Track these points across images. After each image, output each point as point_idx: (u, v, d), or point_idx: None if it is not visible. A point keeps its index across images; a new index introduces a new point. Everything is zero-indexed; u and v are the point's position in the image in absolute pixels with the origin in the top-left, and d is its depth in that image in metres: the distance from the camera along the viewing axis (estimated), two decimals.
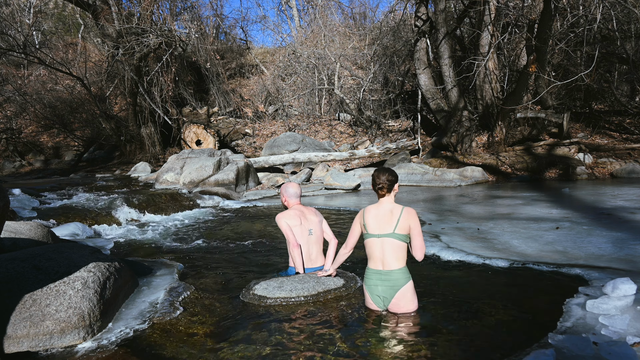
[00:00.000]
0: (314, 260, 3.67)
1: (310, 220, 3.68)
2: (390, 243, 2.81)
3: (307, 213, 3.73)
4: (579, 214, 6.08)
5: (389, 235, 2.82)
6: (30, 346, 2.44)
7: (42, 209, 6.56)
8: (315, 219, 3.71)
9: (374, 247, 2.86)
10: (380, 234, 2.84)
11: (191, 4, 17.42)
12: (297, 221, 3.64)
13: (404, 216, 2.82)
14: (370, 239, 2.88)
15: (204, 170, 9.56)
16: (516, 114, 12.26)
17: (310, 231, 3.65)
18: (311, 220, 3.68)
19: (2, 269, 2.70)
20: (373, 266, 2.88)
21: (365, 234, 2.92)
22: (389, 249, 2.81)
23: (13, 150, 16.75)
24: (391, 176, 2.91)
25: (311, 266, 3.66)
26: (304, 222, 3.66)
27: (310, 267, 3.66)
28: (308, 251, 3.65)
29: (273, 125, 17.41)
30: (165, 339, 2.63)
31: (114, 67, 14.44)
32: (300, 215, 3.68)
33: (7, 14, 17.68)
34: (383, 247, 2.83)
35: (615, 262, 3.79)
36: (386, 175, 2.89)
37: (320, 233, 3.71)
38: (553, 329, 2.55)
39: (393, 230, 2.81)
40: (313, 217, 3.71)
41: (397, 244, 2.81)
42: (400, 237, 2.81)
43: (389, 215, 2.85)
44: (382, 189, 2.90)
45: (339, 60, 17.40)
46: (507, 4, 12.74)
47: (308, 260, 3.66)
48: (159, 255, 4.70)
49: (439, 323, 2.76)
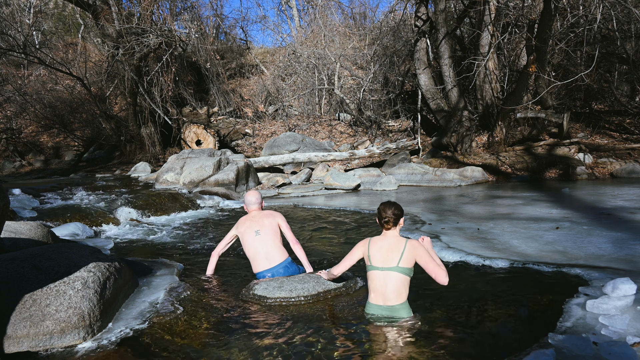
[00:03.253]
0: (271, 259, 3.68)
1: (258, 222, 3.79)
2: (393, 277, 2.78)
3: (259, 217, 3.84)
4: (579, 214, 6.08)
5: (392, 269, 2.78)
6: (30, 346, 2.43)
7: (42, 209, 6.56)
8: (266, 221, 3.80)
9: (377, 281, 2.82)
10: (384, 267, 2.80)
11: (191, 4, 17.41)
12: (244, 226, 3.81)
13: (408, 249, 2.78)
14: (373, 272, 2.84)
15: (204, 170, 9.56)
16: (516, 114, 12.26)
17: (256, 232, 3.74)
18: (260, 223, 3.78)
19: (2, 269, 2.70)
20: (374, 301, 2.85)
21: (368, 265, 2.88)
22: (391, 283, 2.78)
23: (13, 150, 16.74)
24: (397, 210, 2.87)
25: (268, 266, 3.67)
26: (252, 225, 3.78)
27: (268, 268, 3.66)
28: (256, 251, 3.71)
29: (273, 125, 17.41)
30: (165, 339, 2.63)
31: (114, 67, 14.43)
32: (250, 219, 3.83)
33: (7, 14, 17.67)
34: (386, 281, 2.79)
35: (615, 262, 3.79)
36: (392, 210, 2.87)
37: (271, 233, 3.75)
38: (553, 329, 2.55)
39: (397, 263, 2.77)
40: (264, 219, 3.81)
41: (401, 278, 2.78)
42: (404, 270, 2.77)
43: (393, 248, 2.81)
44: (388, 223, 2.87)
45: (339, 60, 17.40)
46: (507, 4, 12.74)
47: (263, 260, 3.68)
48: (159, 255, 4.69)
49: (439, 323, 2.76)
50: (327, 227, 6.04)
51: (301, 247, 3.76)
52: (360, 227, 5.98)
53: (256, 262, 3.71)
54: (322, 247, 5.00)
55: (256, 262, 3.71)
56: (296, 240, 3.77)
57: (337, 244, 5.09)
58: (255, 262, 3.72)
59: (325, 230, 5.89)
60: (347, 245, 5.01)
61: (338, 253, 4.68)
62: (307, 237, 5.51)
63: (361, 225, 6.06)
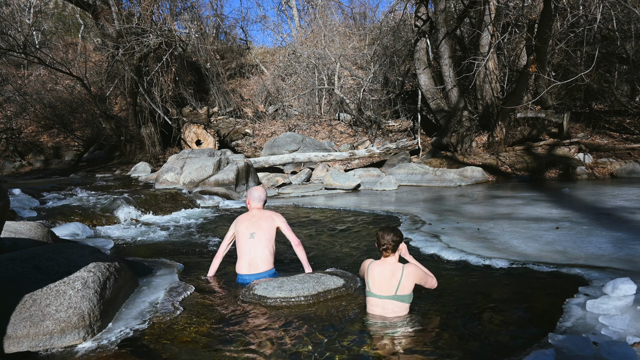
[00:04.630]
0: (253, 266, 3.62)
1: (256, 224, 3.68)
2: (391, 305, 2.78)
3: (258, 218, 3.72)
4: (579, 214, 6.08)
5: (390, 298, 2.78)
6: (30, 346, 2.44)
7: (42, 209, 6.56)
8: (264, 224, 3.68)
9: (375, 307, 2.83)
10: (382, 296, 2.80)
11: (191, 4, 17.41)
12: (242, 225, 3.72)
13: (405, 277, 2.77)
14: (372, 298, 2.84)
15: (204, 170, 9.56)
16: (516, 114, 12.26)
17: (252, 234, 3.65)
18: (257, 225, 3.67)
19: (2, 269, 2.70)
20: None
21: (367, 291, 2.87)
22: (389, 311, 2.79)
23: (13, 150, 16.74)
24: (396, 236, 2.82)
25: (248, 272, 3.61)
26: (249, 226, 3.70)
27: (248, 274, 3.62)
28: (243, 253, 3.66)
29: (273, 125, 17.41)
30: (165, 339, 2.63)
31: (114, 67, 14.43)
32: (249, 219, 3.74)
33: (7, 14, 17.67)
34: (384, 308, 2.80)
35: (615, 262, 3.78)
36: (391, 236, 2.81)
37: (264, 239, 3.64)
38: (553, 329, 2.55)
39: (395, 292, 2.77)
40: (263, 222, 3.69)
41: (399, 305, 2.78)
42: (403, 298, 2.78)
43: (391, 277, 2.79)
44: (387, 250, 2.82)
45: (339, 60, 17.40)
46: (507, 4, 12.74)
47: (246, 264, 3.63)
48: (159, 255, 4.69)
49: (438, 323, 2.76)
50: (327, 227, 6.04)
51: (303, 249, 3.73)
52: (360, 227, 5.98)
53: (240, 263, 3.69)
54: (322, 247, 5.00)
55: (240, 263, 3.69)
56: (298, 241, 3.71)
57: (337, 244, 5.09)
58: (239, 263, 3.70)
59: (325, 230, 5.89)
60: (347, 245, 5.01)
61: (338, 253, 4.68)
62: (307, 237, 5.51)
63: (361, 226, 6.06)
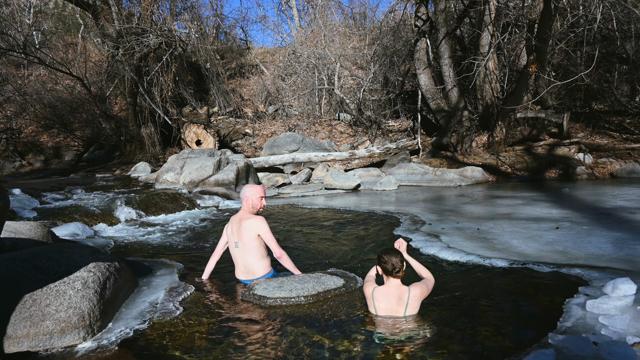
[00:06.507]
0: (249, 273, 3.60)
1: (238, 233, 3.56)
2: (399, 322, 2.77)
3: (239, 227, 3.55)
4: (579, 214, 6.08)
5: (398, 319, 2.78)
6: (30, 346, 2.44)
7: (42, 209, 6.56)
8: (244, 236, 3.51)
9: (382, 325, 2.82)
10: (390, 317, 2.80)
11: (191, 4, 17.42)
12: (228, 231, 3.68)
13: (412, 299, 2.78)
14: (379, 319, 2.83)
15: (204, 170, 9.55)
16: (516, 114, 12.26)
17: (236, 244, 3.60)
18: (239, 235, 3.55)
19: (2, 269, 2.70)
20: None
21: (374, 315, 2.86)
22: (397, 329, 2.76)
23: (13, 150, 16.74)
24: (400, 256, 2.82)
25: (245, 278, 3.62)
26: (233, 232, 3.62)
27: (245, 279, 3.62)
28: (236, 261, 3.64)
29: (273, 125, 17.41)
30: (165, 339, 2.63)
31: (114, 67, 14.44)
32: (232, 225, 3.64)
33: (7, 14, 17.68)
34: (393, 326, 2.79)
35: (615, 262, 3.78)
36: (399, 257, 2.80)
37: (248, 248, 3.53)
38: (553, 329, 2.55)
39: (403, 314, 2.78)
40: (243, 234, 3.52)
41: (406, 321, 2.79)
42: (411, 316, 2.79)
43: (397, 301, 2.79)
44: (399, 272, 2.79)
45: (339, 60, 17.40)
46: (507, 4, 12.74)
47: (242, 272, 3.63)
48: (159, 255, 4.69)
49: (439, 323, 2.76)
50: (327, 227, 6.03)
51: (287, 258, 3.54)
52: (360, 227, 5.98)
53: (237, 270, 3.69)
54: (322, 247, 4.99)
55: (237, 270, 3.69)
56: (281, 252, 3.49)
57: (337, 244, 5.08)
58: (236, 269, 3.70)
59: (325, 230, 5.88)
60: (347, 245, 5.01)
61: (338, 253, 4.68)
62: (306, 237, 5.51)
63: (361, 226, 6.06)
